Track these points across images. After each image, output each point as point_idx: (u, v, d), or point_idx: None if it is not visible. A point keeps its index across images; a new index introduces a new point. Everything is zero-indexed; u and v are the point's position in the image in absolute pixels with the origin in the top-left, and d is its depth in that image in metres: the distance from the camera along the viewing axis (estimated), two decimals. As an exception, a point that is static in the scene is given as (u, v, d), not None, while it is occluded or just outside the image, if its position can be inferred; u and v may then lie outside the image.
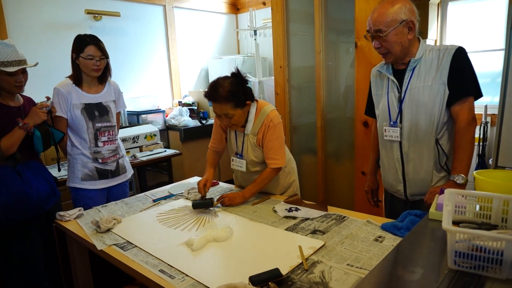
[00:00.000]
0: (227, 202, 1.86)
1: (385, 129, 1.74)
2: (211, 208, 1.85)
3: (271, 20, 3.14)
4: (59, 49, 3.54)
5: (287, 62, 3.11)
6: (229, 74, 1.85)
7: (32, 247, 1.98)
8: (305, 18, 2.97)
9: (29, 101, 2.11)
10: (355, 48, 2.53)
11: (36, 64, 2.00)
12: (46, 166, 2.19)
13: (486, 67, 3.66)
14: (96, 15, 3.80)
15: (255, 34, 4.28)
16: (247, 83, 1.87)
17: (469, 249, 0.89)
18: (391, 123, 1.72)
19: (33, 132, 1.93)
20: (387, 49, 1.61)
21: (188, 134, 4.09)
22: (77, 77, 2.13)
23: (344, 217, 1.66)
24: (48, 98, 2.04)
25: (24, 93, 2.09)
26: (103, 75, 2.19)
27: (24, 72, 1.95)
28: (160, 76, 4.54)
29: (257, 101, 1.94)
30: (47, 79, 3.18)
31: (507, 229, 1.03)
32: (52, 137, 2.02)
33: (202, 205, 1.83)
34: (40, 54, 3.42)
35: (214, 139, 2.13)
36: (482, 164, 3.35)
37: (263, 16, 4.66)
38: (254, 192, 1.93)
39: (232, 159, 2.06)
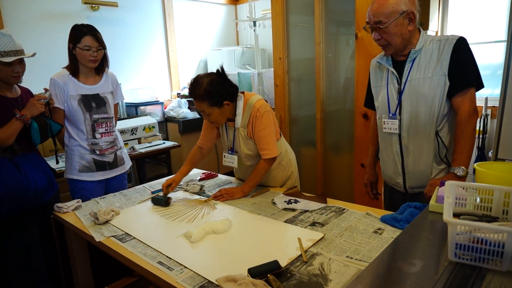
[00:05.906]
0: (226, 198, 1.85)
1: (384, 121, 1.73)
2: (198, 197, 1.91)
3: (270, 11, 3.11)
4: (56, 39, 3.50)
5: (287, 53, 3.09)
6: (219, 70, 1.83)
7: (30, 239, 1.97)
8: (305, 9, 2.94)
9: (26, 92, 2.09)
10: (356, 39, 2.50)
11: (34, 54, 1.97)
12: (45, 158, 2.18)
13: (487, 59, 3.63)
14: (93, 5, 3.76)
15: (255, 25, 4.24)
16: (230, 83, 1.83)
17: (469, 241, 0.88)
18: (390, 115, 1.70)
19: (30, 123, 1.91)
20: (387, 41, 1.58)
21: (186, 126, 4.08)
22: (74, 68, 2.10)
23: (344, 209, 1.65)
24: (46, 90, 2.03)
25: (21, 84, 2.07)
26: (100, 66, 2.17)
27: (21, 62, 1.93)
28: (158, 67, 4.51)
29: (243, 93, 1.91)
30: (44, 70, 3.16)
31: (508, 221, 1.02)
32: (50, 129, 2.00)
33: (158, 201, 1.84)
34: (37, 44, 3.39)
35: (203, 135, 2.08)
36: (481, 157, 3.35)
37: (263, 7, 4.61)
38: (253, 185, 1.92)
39: (224, 156, 2.04)
